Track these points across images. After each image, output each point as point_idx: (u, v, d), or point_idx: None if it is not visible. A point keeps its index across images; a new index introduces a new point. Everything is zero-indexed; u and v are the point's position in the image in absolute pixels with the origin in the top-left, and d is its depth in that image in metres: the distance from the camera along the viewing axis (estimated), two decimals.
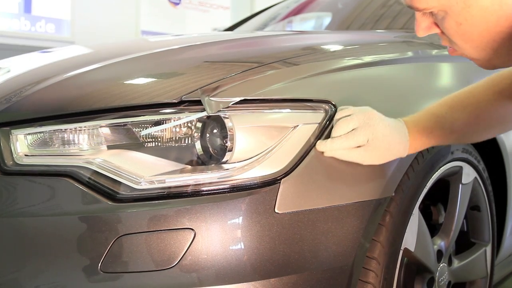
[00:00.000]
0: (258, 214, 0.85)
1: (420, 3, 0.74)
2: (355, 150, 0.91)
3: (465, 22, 0.71)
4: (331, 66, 1.08)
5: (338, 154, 0.91)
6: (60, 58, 1.43)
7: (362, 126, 0.91)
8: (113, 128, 0.92)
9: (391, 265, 1.02)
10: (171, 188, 0.86)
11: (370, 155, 0.92)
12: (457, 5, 0.70)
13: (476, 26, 0.71)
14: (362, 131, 0.90)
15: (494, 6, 0.68)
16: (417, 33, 0.80)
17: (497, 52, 0.74)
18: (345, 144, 0.90)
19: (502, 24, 0.69)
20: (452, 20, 0.72)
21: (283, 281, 0.87)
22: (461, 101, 0.99)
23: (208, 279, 0.84)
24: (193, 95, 0.90)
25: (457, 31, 0.73)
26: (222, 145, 0.90)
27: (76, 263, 0.85)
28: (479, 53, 0.75)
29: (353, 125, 0.91)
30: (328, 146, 0.90)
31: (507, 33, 0.70)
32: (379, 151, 0.92)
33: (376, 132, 0.91)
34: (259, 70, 1.00)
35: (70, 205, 0.88)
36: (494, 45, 0.72)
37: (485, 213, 1.39)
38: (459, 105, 0.99)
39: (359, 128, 0.91)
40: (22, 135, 0.94)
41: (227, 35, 1.75)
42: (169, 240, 0.83)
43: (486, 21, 0.70)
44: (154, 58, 1.20)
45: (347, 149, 0.91)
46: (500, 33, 0.70)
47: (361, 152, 0.91)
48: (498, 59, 0.76)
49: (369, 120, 0.91)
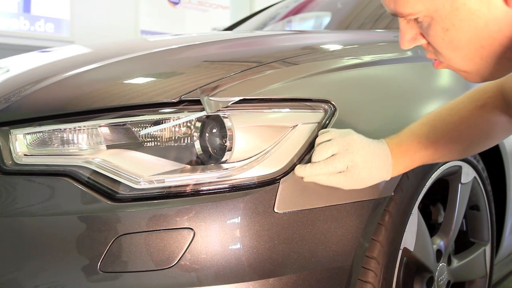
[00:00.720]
0: (257, 214, 0.85)
1: (405, 8, 0.70)
2: (335, 175, 0.89)
3: (452, 27, 0.68)
4: (331, 65, 1.08)
5: (317, 179, 0.89)
6: (59, 57, 1.43)
7: (341, 153, 0.88)
8: (112, 127, 0.92)
9: (390, 265, 1.02)
10: (171, 187, 0.86)
11: (350, 181, 0.89)
12: (444, 8, 0.67)
13: (464, 31, 0.68)
14: (341, 158, 0.88)
15: (483, 9, 0.65)
16: (401, 45, 0.77)
17: (486, 61, 0.70)
18: (324, 170, 0.87)
19: (491, 28, 0.67)
20: (439, 26, 0.69)
21: (282, 280, 0.87)
22: (443, 119, 0.97)
23: (208, 279, 0.84)
24: (192, 94, 0.90)
25: (444, 38, 0.70)
26: (222, 145, 0.90)
27: (75, 262, 0.85)
28: (467, 63, 0.72)
29: (332, 151, 0.88)
30: (307, 171, 0.88)
31: (496, 38, 0.67)
32: (359, 177, 0.89)
33: (356, 159, 0.88)
34: (258, 69, 1.00)
35: (70, 204, 0.88)
36: (483, 53, 0.69)
37: (485, 212, 1.39)
38: (441, 123, 0.97)
39: (338, 155, 0.88)
40: (21, 135, 0.94)
41: (226, 35, 1.75)
42: (169, 240, 0.83)
43: (474, 25, 0.67)
44: (153, 58, 1.20)
45: (327, 175, 0.88)
46: (489, 38, 0.67)
47: (341, 178, 0.89)
48: (486, 69, 0.72)
49: (349, 147, 0.89)
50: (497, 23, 0.66)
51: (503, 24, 0.66)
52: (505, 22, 0.66)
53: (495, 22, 0.66)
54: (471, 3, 0.66)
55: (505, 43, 0.67)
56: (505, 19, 0.65)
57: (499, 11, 0.65)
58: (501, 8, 0.65)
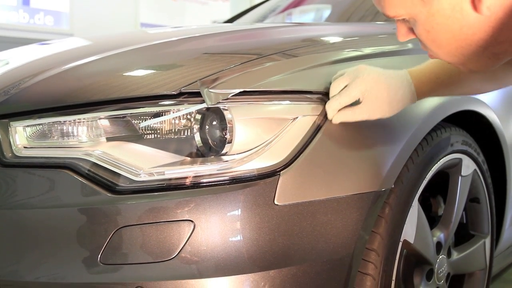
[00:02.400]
0: (258, 206, 0.85)
1: (389, 11, 0.75)
2: (358, 108, 0.92)
3: (432, 29, 0.72)
4: (331, 58, 1.08)
5: (344, 117, 0.92)
6: (59, 50, 1.43)
7: (353, 81, 0.92)
8: (112, 120, 0.92)
9: (390, 257, 1.02)
10: (171, 180, 0.86)
11: (373, 108, 0.92)
12: (421, 14, 0.72)
13: (443, 33, 0.72)
14: (353, 86, 0.92)
15: (456, 15, 0.69)
16: (398, 38, 0.82)
17: (468, 57, 0.74)
18: (341, 100, 0.91)
19: (466, 32, 0.70)
20: (422, 27, 0.73)
21: (282, 272, 0.87)
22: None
23: (208, 271, 0.84)
24: (192, 86, 0.90)
25: (427, 37, 0.74)
26: (222, 137, 0.90)
27: (76, 254, 0.85)
28: (451, 58, 0.76)
29: (343, 82, 0.93)
30: (329, 110, 0.92)
31: (472, 40, 0.71)
32: (380, 101, 0.92)
33: (368, 83, 0.92)
34: (258, 62, 1.00)
35: (70, 197, 0.88)
36: (464, 51, 0.73)
37: (485, 205, 1.39)
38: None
39: (350, 84, 0.92)
40: (21, 127, 0.94)
41: (226, 27, 1.75)
42: (169, 232, 0.83)
43: (450, 30, 0.71)
44: (153, 50, 1.20)
45: (350, 110, 0.92)
46: (466, 40, 0.71)
47: (363, 108, 0.92)
48: (470, 64, 0.77)
49: (359, 73, 0.93)
50: (471, 28, 0.70)
51: (476, 29, 0.69)
52: (478, 27, 0.69)
53: (469, 26, 0.69)
54: (445, 10, 0.69)
55: (481, 44, 0.71)
56: (478, 24, 0.69)
57: (471, 17, 0.69)
58: (472, 15, 0.68)
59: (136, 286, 0.83)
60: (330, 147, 0.93)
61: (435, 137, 1.14)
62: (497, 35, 0.69)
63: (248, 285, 0.85)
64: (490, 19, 0.68)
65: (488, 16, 0.67)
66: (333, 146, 0.93)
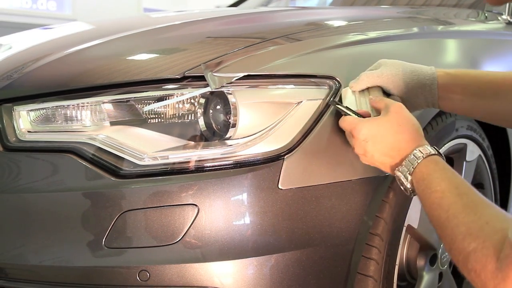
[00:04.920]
0: (262, 190, 0.85)
1: None
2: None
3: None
4: (336, 41, 1.07)
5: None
6: (62, 34, 1.42)
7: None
8: (116, 104, 0.91)
9: (394, 242, 1.02)
10: (175, 164, 0.86)
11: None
12: None
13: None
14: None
15: None
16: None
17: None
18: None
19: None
20: None
21: (286, 256, 0.87)
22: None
23: (212, 255, 0.84)
24: (196, 70, 0.89)
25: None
26: (225, 121, 0.90)
27: (80, 238, 0.85)
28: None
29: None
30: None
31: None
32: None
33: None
34: (262, 45, 0.99)
35: (74, 181, 0.88)
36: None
37: (489, 190, 1.39)
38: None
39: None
40: (24, 112, 0.94)
41: (230, 11, 1.73)
42: (173, 216, 0.84)
43: None
44: (156, 34, 1.19)
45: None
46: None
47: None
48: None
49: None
50: None
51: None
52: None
53: None
54: None
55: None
56: None
57: None
58: None
59: (140, 269, 0.84)
60: (334, 132, 0.92)
61: (440, 122, 1.13)
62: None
63: (252, 269, 0.86)
64: None
65: None
66: (337, 130, 0.92)
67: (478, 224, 0.66)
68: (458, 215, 0.69)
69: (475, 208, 0.69)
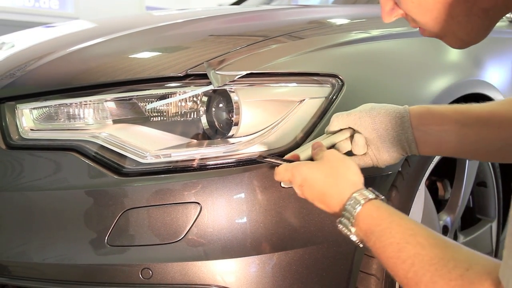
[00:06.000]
0: (264, 188, 0.85)
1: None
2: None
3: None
4: (338, 40, 1.07)
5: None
6: (64, 32, 1.42)
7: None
8: (119, 102, 0.91)
9: None
10: (177, 162, 0.86)
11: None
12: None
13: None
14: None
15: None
16: (383, 19, 0.76)
17: (457, 20, 0.70)
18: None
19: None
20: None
21: (289, 254, 0.87)
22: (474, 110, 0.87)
23: (214, 253, 0.84)
24: (198, 68, 0.89)
25: (413, 1, 0.70)
26: (228, 119, 0.90)
27: (83, 236, 0.85)
28: (440, 25, 0.71)
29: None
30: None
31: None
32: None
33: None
34: (264, 43, 0.99)
35: (76, 179, 0.88)
36: (451, 11, 0.69)
37: (492, 189, 1.38)
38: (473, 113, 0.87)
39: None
40: (27, 110, 0.94)
41: (232, 9, 1.73)
42: (175, 214, 0.84)
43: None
44: (158, 32, 1.19)
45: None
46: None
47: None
48: (460, 29, 0.71)
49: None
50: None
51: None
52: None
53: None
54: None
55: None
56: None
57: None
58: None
59: (143, 267, 0.84)
60: None
61: None
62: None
63: (254, 267, 0.86)
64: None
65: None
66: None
67: (457, 272, 0.62)
68: (428, 267, 0.63)
69: (442, 252, 0.64)
